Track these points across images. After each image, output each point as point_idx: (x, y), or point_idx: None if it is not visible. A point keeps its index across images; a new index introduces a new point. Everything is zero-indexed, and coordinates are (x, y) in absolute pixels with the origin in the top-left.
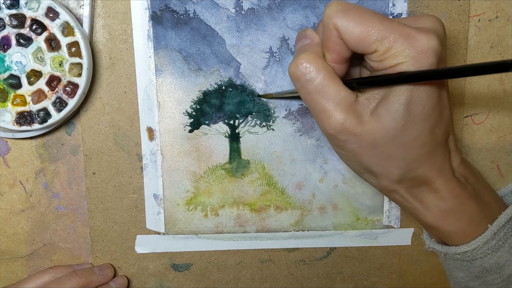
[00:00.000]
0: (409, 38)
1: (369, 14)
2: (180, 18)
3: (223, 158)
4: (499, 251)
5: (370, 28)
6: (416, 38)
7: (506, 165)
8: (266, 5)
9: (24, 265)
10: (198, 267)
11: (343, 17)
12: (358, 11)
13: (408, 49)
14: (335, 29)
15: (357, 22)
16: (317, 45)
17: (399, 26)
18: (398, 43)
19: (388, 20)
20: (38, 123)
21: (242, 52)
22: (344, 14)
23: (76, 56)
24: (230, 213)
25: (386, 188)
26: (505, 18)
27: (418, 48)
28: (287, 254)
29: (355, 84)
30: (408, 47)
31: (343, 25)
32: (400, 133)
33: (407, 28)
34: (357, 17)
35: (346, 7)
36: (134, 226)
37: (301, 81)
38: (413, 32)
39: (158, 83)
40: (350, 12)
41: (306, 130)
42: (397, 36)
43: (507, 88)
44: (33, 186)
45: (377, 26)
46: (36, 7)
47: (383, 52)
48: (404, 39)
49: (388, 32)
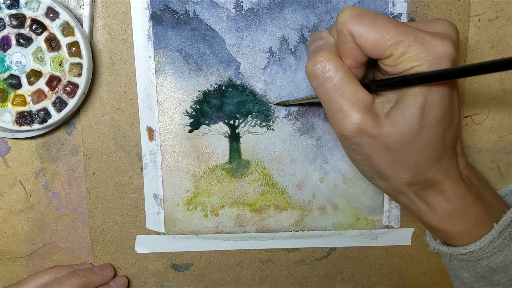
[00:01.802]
0: (424, 43)
1: (383, 19)
2: (180, 18)
3: (223, 158)
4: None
5: (385, 33)
6: (431, 43)
7: (506, 165)
8: (266, 5)
9: (24, 265)
10: (198, 267)
11: (358, 22)
12: (372, 16)
13: (424, 53)
14: (349, 35)
15: (372, 27)
16: (333, 45)
17: (414, 31)
18: (413, 47)
19: (402, 25)
20: (38, 123)
21: (242, 52)
22: (358, 19)
23: (76, 56)
24: (230, 213)
25: (395, 191)
26: (505, 18)
27: (433, 53)
28: (287, 254)
29: (373, 86)
30: (423, 51)
31: (358, 30)
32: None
33: (422, 33)
34: (371, 22)
35: (359, 12)
36: (134, 226)
37: (319, 79)
38: (428, 37)
39: (158, 83)
40: (364, 17)
41: (306, 130)
42: (412, 40)
43: (507, 88)
44: (33, 186)
45: (392, 31)
46: (36, 7)
47: (398, 56)
48: (419, 44)
49: (403, 36)
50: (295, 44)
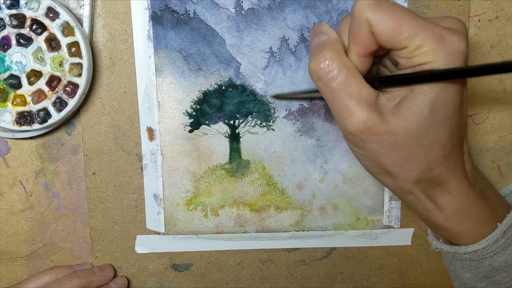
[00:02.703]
0: (441, 37)
1: (401, 9)
2: (180, 18)
3: (223, 158)
4: (508, 249)
5: (402, 23)
6: (448, 39)
7: (507, 165)
8: (266, 5)
9: (24, 265)
10: (198, 267)
11: (377, 10)
12: (391, 5)
13: (440, 49)
14: (366, 22)
15: (390, 16)
16: (336, 41)
17: (431, 24)
18: (429, 41)
19: (420, 18)
20: (38, 123)
21: (242, 52)
22: (378, 7)
23: (76, 56)
24: (230, 213)
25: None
26: (505, 18)
27: (449, 49)
28: (287, 254)
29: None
30: (440, 46)
31: (376, 18)
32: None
33: (439, 28)
34: (390, 11)
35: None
36: (134, 226)
37: (323, 79)
38: (444, 32)
39: (158, 83)
40: (383, 5)
41: (306, 130)
42: (429, 34)
43: (507, 88)
44: (33, 186)
45: (410, 22)
46: (36, 7)
47: (413, 49)
48: (436, 38)
49: (420, 29)
50: (295, 44)
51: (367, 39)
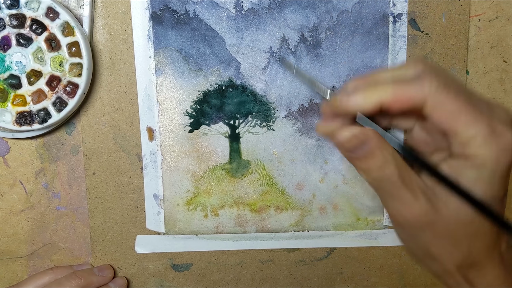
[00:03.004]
0: (496, 131)
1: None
2: (180, 18)
3: (223, 158)
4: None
5: (463, 111)
6: (502, 133)
7: None
8: (266, 5)
9: (24, 265)
10: (198, 267)
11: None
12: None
13: (493, 144)
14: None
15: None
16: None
17: (489, 116)
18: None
19: (480, 105)
20: (38, 123)
21: (242, 52)
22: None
23: (76, 56)
24: (230, 213)
25: (445, 272)
26: (505, 18)
27: (501, 146)
28: (287, 254)
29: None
30: (493, 141)
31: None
32: (470, 221)
33: (495, 120)
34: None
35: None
36: (134, 226)
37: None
38: (499, 127)
39: (158, 83)
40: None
41: (306, 130)
42: (485, 126)
43: (507, 88)
44: (33, 186)
45: (470, 110)
46: (36, 7)
47: (467, 137)
48: (491, 131)
49: (479, 119)
50: (295, 44)
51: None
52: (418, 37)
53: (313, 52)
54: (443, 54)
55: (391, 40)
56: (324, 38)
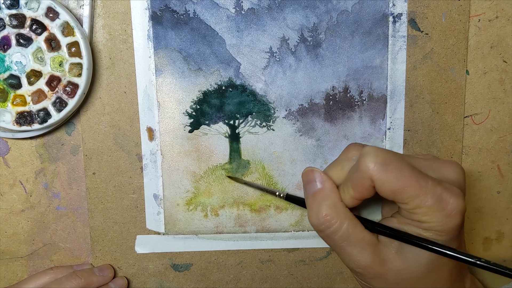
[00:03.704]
0: (440, 201)
1: (407, 170)
2: (180, 18)
3: (223, 158)
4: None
5: (406, 186)
6: (447, 202)
7: (507, 165)
8: (266, 5)
9: (24, 265)
10: (198, 267)
11: (383, 171)
12: (398, 166)
13: (438, 211)
14: (370, 179)
15: (395, 178)
16: (332, 191)
17: (433, 186)
18: (429, 203)
19: (423, 178)
20: (38, 123)
21: (242, 52)
22: (384, 168)
23: (76, 56)
24: (230, 213)
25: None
26: (505, 18)
27: (447, 212)
28: (287, 254)
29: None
30: (438, 209)
31: (381, 179)
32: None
33: (439, 190)
34: (396, 173)
35: (386, 161)
36: (134, 226)
37: (325, 232)
38: (444, 194)
39: (158, 83)
40: (390, 167)
41: (306, 130)
42: (429, 197)
43: (507, 88)
44: (33, 186)
45: (413, 184)
46: (36, 7)
47: (413, 207)
48: (436, 201)
49: (422, 192)
50: (295, 44)
51: (367, 190)
52: (418, 37)
53: (313, 52)
54: (443, 54)
55: (391, 40)
56: (324, 38)
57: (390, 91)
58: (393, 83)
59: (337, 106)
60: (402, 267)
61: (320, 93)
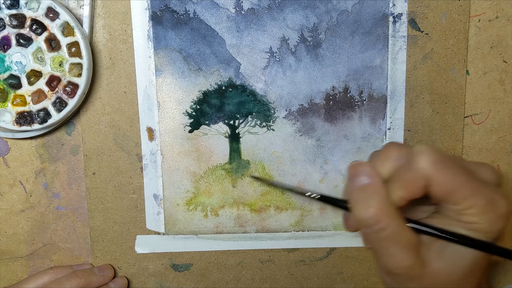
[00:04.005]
0: (491, 202)
1: (461, 170)
2: (180, 18)
3: (223, 158)
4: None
5: (461, 186)
6: (499, 204)
7: (507, 165)
8: (266, 5)
9: (24, 265)
10: (198, 267)
11: (441, 170)
12: (453, 166)
13: (489, 213)
14: (424, 179)
15: (452, 178)
16: (382, 188)
17: (484, 187)
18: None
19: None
20: (38, 123)
21: (242, 52)
22: (442, 167)
23: (76, 56)
24: (230, 213)
25: None
26: (505, 18)
27: (497, 214)
28: (287, 254)
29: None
30: (489, 210)
31: (438, 178)
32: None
33: (489, 191)
34: (453, 172)
35: (443, 159)
36: (134, 226)
37: (372, 228)
38: (494, 196)
39: (158, 83)
40: (447, 165)
41: (306, 130)
42: (481, 198)
43: (507, 88)
44: (33, 186)
45: (468, 185)
46: (36, 7)
47: (464, 208)
48: (487, 202)
49: (475, 192)
50: (295, 44)
51: (419, 190)
52: (418, 37)
53: (313, 52)
54: (443, 54)
55: (391, 40)
56: (324, 38)
57: (390, 91)
58: (393, 83)
59: (337, 106)
60: (442, 269)
61: (320, 93)
